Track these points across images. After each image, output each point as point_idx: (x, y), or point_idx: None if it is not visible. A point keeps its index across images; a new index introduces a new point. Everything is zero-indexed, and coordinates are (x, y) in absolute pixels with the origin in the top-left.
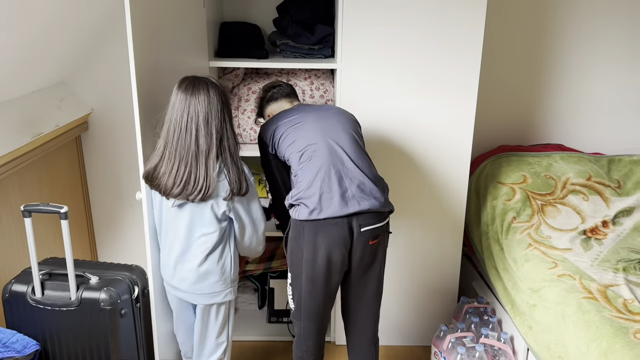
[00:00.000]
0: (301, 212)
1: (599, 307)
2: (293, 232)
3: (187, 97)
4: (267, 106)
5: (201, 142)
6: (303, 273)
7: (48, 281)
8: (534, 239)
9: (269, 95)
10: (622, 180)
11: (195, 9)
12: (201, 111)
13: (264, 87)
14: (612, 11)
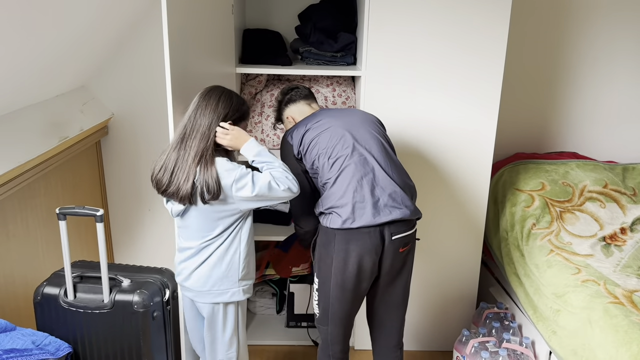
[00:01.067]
0: (333, 221)
1: (626, 312)
2: (322, 239)
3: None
4: (285, 109)
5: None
6: (332, 279)
7: (80, 284)
8: (555, 245)
9: (287, 98)
10: (637, 188)
11: (225, 16)
12: (202, 115)
13: (281, 90)
14: (627, 23)
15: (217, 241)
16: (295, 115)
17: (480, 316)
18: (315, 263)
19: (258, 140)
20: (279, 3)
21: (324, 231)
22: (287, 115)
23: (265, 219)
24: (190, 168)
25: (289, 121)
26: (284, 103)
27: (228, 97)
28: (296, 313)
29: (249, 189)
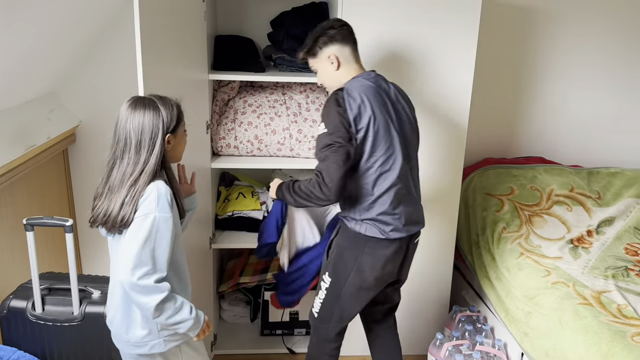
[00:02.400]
0: (369, 230)
1: (595, 313)
2: (349, 242)
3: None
4: (330, 44)
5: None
6: (349, 279)
7: (48, 296)
8: (525, 248)
9: (339, 33)
10: (602, 191)
11: (197, 22)
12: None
13: (329, 21)
14: (590, 32)
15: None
16: (341, 59)
17: (453, 319)
18: (331, 262)
19: (231, 147)
20: (251, 10)
21: (354, 235)
22: (330, 54)
23: (238, 227)
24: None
25: (329, 62)
26: (332, 37)
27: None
28: (271, 321)
29: (134, 234)
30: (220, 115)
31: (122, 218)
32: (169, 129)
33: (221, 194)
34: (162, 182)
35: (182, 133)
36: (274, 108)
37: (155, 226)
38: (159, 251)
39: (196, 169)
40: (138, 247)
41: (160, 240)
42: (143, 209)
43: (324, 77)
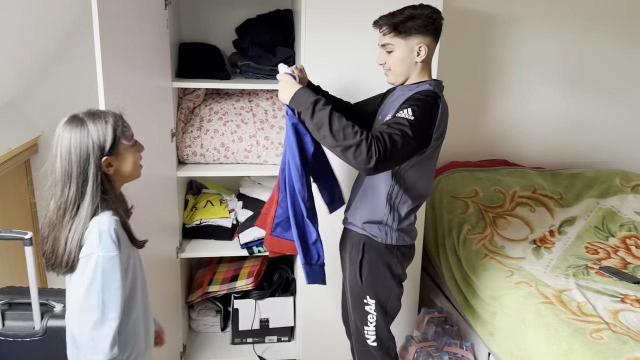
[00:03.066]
0: (400, 238)
1: (556, 311)
2: (381, 257)
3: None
4: (425, 33)
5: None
6: (392, 292)
7: (8, 311)
8: (489, 249)
9: (439, 23)
10: (564, 192)
11: (159, 30)
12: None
13: (424, 10)
14: (549, 36)
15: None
16: (428, 54)
17: (422, 322)
18: (367, 284)
19: (197, 155)
20: (215, 17)
21: (383, 248)
22: (423, 44)
23: (206, 235)
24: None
25: (416, 51)
26: (432, 25)
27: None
28: (241, 329)
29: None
30: (185, 123)
31: (67, 258)
32: (104, 151)
33: (189, 202)
34: (105, 214)
35: (127, 149)
36: (240, 115)
37: (99, 267)
38: (107, 295)
39: (161, 178)
40: (83, 292)
41: (109, 282)
42: (85, 249)
43: (400, 62)
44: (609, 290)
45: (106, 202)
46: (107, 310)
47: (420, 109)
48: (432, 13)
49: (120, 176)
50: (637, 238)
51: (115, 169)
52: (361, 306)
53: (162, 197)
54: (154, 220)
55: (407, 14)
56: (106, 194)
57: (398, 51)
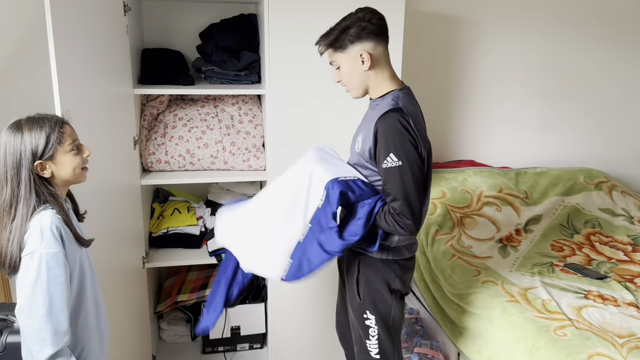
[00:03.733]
0: (397, 252)
1: (521, 309)
2: (377, 272)
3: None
4: (364, 39)
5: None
6: (393, 305)
7: None
8: (456, 249)
9: (373, 27)
10: (529, 191)
11: (119, 37)
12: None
13: (357, 14)
14: (514, 38)
15: None
16: (375, 59)
17: None
18: (365, 300)
19: (162, 163)
20: (179, 22)
21: (379, 263)
22: (363, 51)
23: (173, 243)
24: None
25: (359, 60)
26: (366, 30)
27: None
28: (212, 338)
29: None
30: (149, 130)
31: (9, 260)
32: (37, 155)
33: (155, 210)
34: (46, 213)
35: (64, 154)
36: (205, 121)
37: (43, 264)
38: (53, 291)
39: (124, 186)
40: (29, 289)
41: (54, 278)
42: (27, 247)
43: (349, 76)
44: (573, 287)
45: (45, 202)
46: (54, 305)
47: (398, 145)
48: (363, 16)
49: (59, 179)
50: (601, 234)
51: (52, 172)
52: (362, 320)
53: (125, 206)
54: (118, 229)
55: (340, 27)
56: (45, 195)
57: (343, 66)
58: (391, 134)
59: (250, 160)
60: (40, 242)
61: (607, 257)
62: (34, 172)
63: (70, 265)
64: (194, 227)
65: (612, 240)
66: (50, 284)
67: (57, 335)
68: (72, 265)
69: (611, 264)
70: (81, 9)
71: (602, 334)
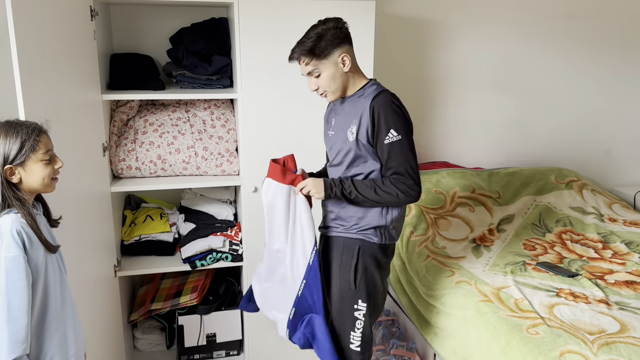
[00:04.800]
0: (394, 235)
1: (494, 309)
2: (374, 259)
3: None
4: (344, 44)
5: None
6: (381, 289)
7: None
8: (431, 250)
9: (347, 32)
10: (502, 190)
11: (86, 41)
12: None
13: (332, 20)
14: (483, 39)
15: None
16: (353, 62)
17: None
18: (360, 287)
19: (133, 169)
20: (148, 27)
21: (378, 248)
22: (344, 54)
23: (146, 251)
24: None
25: (339, 64)
26: (344, 37)
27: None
28: (187, 346)
29: None
30: (119, 136)
31: None
32: (8, 159)
33: (127, 218)
34: (8, 217)
35: (35, 162)
36: (177, 126)
37: (2, 268)
38: (12, 295)
39: (94, 194)
40: None
41: (13, 283)
42: None
43: (331, 80)
44: (545, 285)
45: (10, 207)
46: (12, 311)
47: (397, 120)
48: (335, 23)
49: (27, 186)
50: (573, 233)
51: (20, 179)
52: (351, 311)
53: (95, 214)
54: (87, 238)
55: (315, 35)
56: (11, 199)
57: (325, 72)
58: (389, 111)
59: (223, 165)
60: (0, 246)
61: (579, 255)
62: (3, 175)
63: (33, 271)
64: (167, 233)
65: (583, 238)
66: (8, 289)
67: (15, 342)
68: (36, 270)
69: (582, 261)
70: (45, 14)
71: (573, 332)
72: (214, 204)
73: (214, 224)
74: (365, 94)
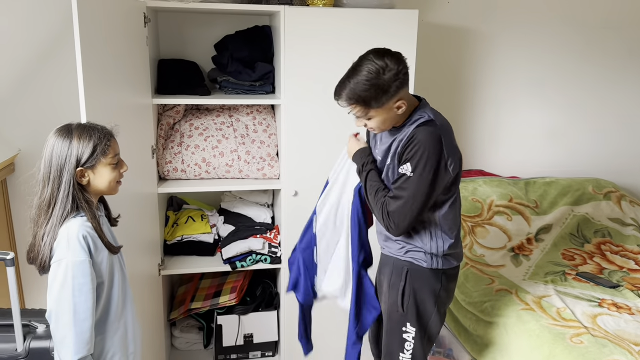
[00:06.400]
0: (445, 262)
1: (536, 317)
2: (424, 282)
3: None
4: (402, 89)
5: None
6: (433, 316)
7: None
8: (469, 258)
9: (404, 74)
10: (539, 200)
11: (139, 46)
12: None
13: (388, 56)
14: (522, 50)
15: None
16: (407, 102)
17: None
18: (408, 311)
19: (178, 171)
20: (194, 34)
21: (427, 273)
22: (401, 101)
23: (187, 251)
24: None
25: (395, 109)
26: (402, 82)
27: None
28: (225, 345)
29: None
30: (165, 139)
31: (41, 260)
32: (80, 162)
33: (169, 218)
34: (76, 220)
35: (104, 166)
36: (220, 130)
37: (69, 272)
38: (78, 298)
39: (142, 195)
40: (55, 296)
41: (79, 286)
42: (56, 254)
43: (382, 123)
44: (586, 295)
45: (78, 209)
46: (78, 313)
47: (419, 158)
48: (396, 68)
49: (94, 188)
50: (612, 244)
51: (88, 181)
52: (399, 333)
53: (143, 214)
54: (135, 237)
55: (371, 86)
56: (80, 200)
57: (378, 117)
58: (420, 145)
59: (264, 169)
60: (67, 251)
61: (619, 266)
62: (75, 177)
63: (97, 274)
64: (208, 234)
65: (622, 249)
66: (75, 292)
67: (80, 343)
68: (100, 273)
69: (622, 272)
70: (106, 20)
71: (618, 342)
72: (252, 206)
73: (253, 226)
74: (410, 121)
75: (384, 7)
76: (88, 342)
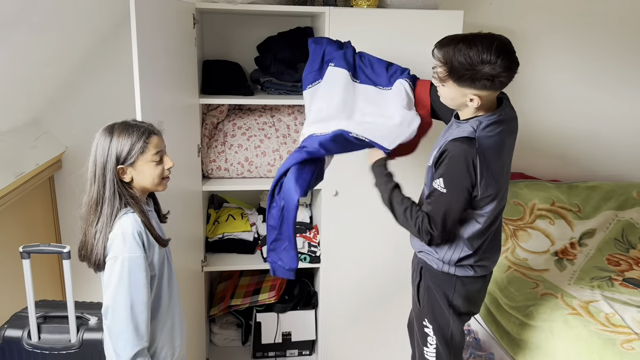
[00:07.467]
0: (459, 270)
1: (584, 322)
2: (438, 283)
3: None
4: (478, 82)
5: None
6: (451, 323)
7: (44, 324)
8: (511, 261)
9: (500, 75)
10: (582, 204)
11: (189, 47)
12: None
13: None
14: (564, 50)
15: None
16: (483, 104)
17: None
18: (425, 307)
19: (222, 170)
20: (237, 35)
21: (440, 275)
22: (474, 95)
23: (228, 249)
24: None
25: (468, 100)
26: (492, 84)
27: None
28: (263, 343)
29: (107, 284)
30: (210, 139)
31: (94, 257)
32: (120, 160)
33: (211, 216)
34: (129, 217)
35: (145, 163)
36: (263, 130)
37: (125, 268)
38: (134, 293)
39: (187, 192)
40: (112, 292)
41: (135, 282)
42: (111, 251)
43: (446, 98)
44: (635, 302)
45: (127, 205)
46: (134, 308)
47: (450, 176)
48: (496, 74)
49: (138, 185)
50: None
51: (131, 178)
52: (421, 327)
53: (188, 211)
54: (181, 234)
55: (468, 65)
56: (126, 197)
57: (450, 91)
58: (453, 161)
59: None
60: (122, 247)
61: None
62: (117, 175)
63: (151, 267)
64: (248, 233)
65: None
66: (131, 288)
67: (138, 336)
68: (152, 268)
69: None
70: (159, 22)
71: None
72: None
73: None
74: (461, 127)
75: (428, 7)
76: (144, 335)
